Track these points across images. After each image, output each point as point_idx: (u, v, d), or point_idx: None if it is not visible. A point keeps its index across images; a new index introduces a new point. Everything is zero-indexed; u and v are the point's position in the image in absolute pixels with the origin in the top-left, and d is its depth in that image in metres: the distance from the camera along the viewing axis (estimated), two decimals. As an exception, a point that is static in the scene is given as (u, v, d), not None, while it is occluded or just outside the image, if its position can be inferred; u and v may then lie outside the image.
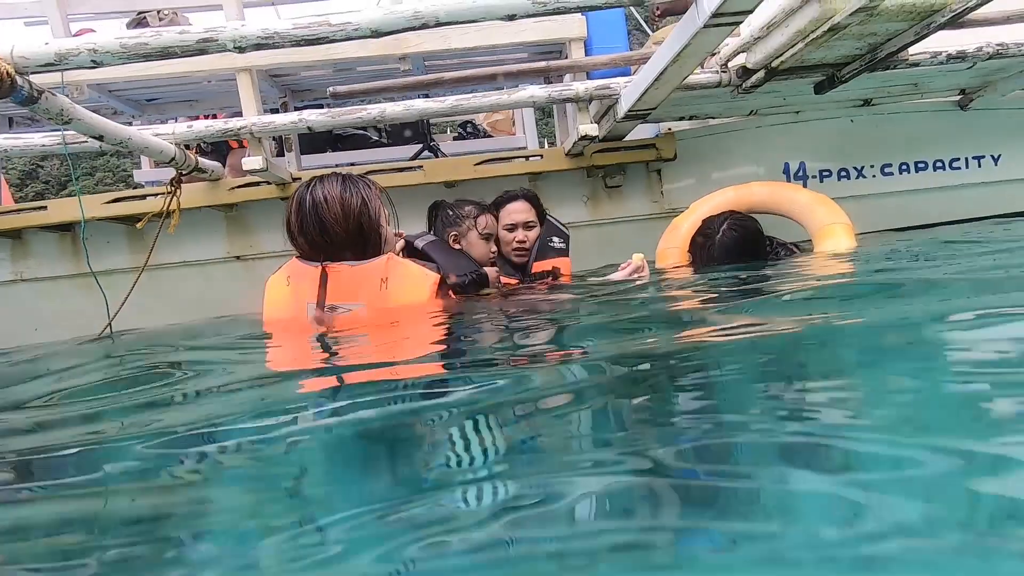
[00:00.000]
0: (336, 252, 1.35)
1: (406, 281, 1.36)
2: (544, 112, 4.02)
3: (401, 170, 2.60)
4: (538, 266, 2.22)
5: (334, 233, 1.34)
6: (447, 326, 1.35)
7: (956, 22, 2.08)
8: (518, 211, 2.20)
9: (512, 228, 2.20)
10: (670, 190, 2.82)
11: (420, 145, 3.65)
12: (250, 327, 1.61)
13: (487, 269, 2.00)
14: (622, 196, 2.82)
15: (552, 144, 4.13)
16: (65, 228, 2.66)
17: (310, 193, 1.36)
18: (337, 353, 1.24)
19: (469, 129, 4.21)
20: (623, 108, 2.19)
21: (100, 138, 1.72)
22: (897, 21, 1.81)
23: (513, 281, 2.22)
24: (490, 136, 4.12)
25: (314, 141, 4.03)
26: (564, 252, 2.23)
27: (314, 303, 1.33)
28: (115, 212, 2.51)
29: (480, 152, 3.32)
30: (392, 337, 1.31)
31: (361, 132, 4.23)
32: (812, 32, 1.80)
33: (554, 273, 2.19)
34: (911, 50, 2.21)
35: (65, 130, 2.04)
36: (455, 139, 4.24)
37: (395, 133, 4.23)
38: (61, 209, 2.52)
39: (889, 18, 1.78)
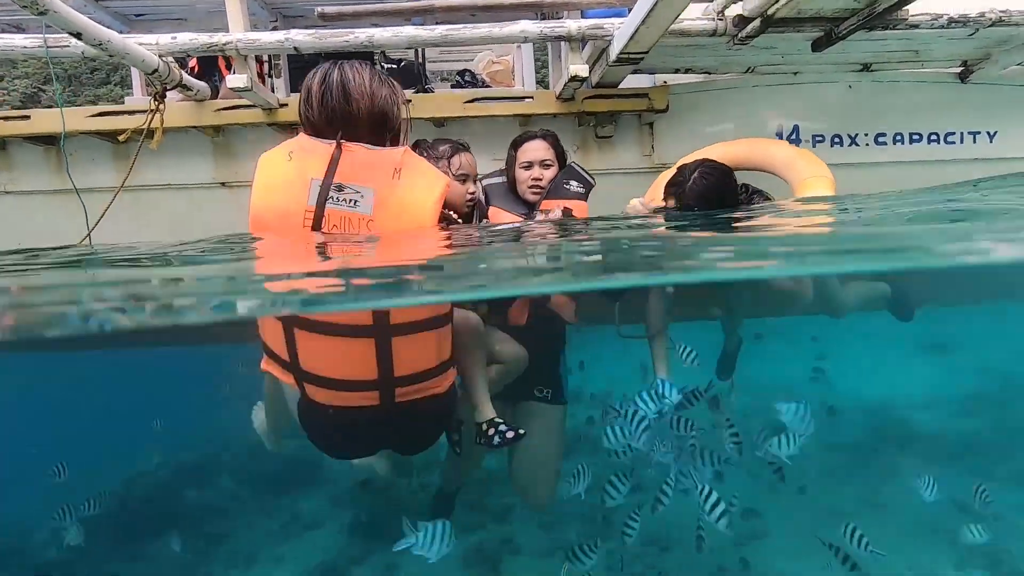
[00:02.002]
0: (355, 131, 1.30)
1: (418, 177, 1.33)
2: (543, 64, 3.95)
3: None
4: (546, 204, 2.19)
5: (358, 109, 1.28)
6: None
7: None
8: (535, 149, 2.18)
9: (528, 166, 2.18)
10: (661, 144, 2.80)
11: (414, 89, 3.60)
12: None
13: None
14: (612, 147, 2.80)
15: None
16: (49, 141, 2.65)
17: (339, 68, 1.30)
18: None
19: (467, 78, 4.13)
20: (615, 50, 2.16)
21: (78, 36, 1.70)
22: (895, -30, 1.78)
23: (517, 218, 2.22)
24: (488, 86, 4.05)
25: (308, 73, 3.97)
26: (582, 196, 2.18)
27: (320, 180, 1.28)
28: (99, 126, 2.49)
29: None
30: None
31: (359, 73, 4.18)
32: (808, -24, 1.77)
33: (565, 214, 2.15)
34: (911, 10, 2.18)
35: (47, 33, 2.02)
36: (452, 87, 4.17)
37: (392, 75, 4.16)
38: (44, 120, 2.50)
39: (887, -34, 1.75)
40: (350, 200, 1.30)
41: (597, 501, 4.34)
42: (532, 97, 2.58)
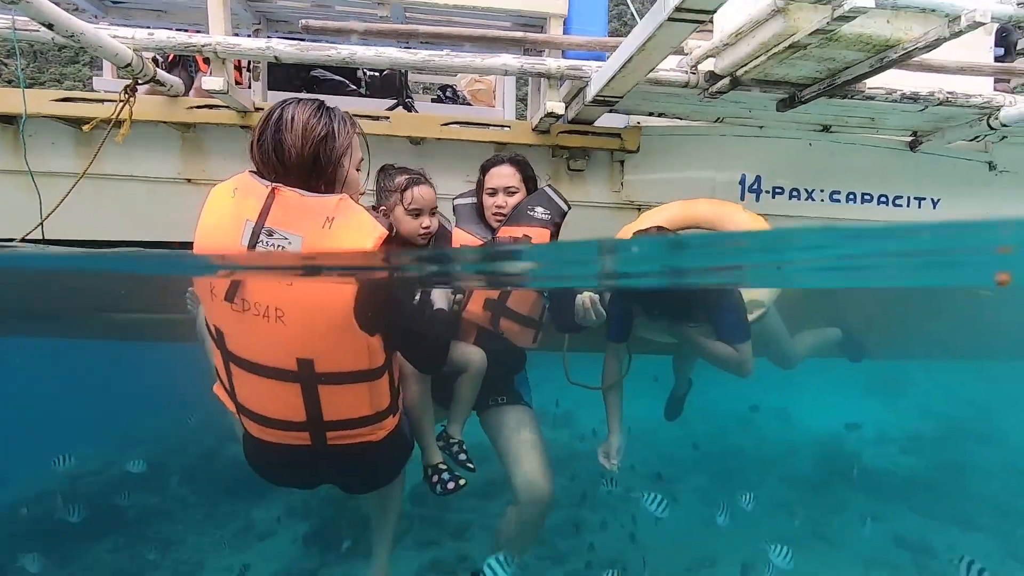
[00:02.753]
0: (287, 176, 1.30)
1: (352, 227, 1.29)
2: (525, 90, 4.03)
3: (372, 118, 2.59)
4: (504, 231, 2.19)
5: (288, 155, 1.29)
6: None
7: (909, 62, 2.20)
8: (500, 175, 2.17)
9: (493, 193, 2.17)
10: (631, 182, 2.88)
11: (395, 101, 3.61)
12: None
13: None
14: (584, 181, 2.87)
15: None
16: (8, 120, 2.55)
17: (280, 109, 1.32)
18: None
19: (449, 94, 4.17)
20: (592, 92, 2.23)
21: (50, 26, 1.66)
22: (854, 50, 1.91)
23: (478, 241, 2.23)
24: (469, 104, 4.10)
25: (291, 80, 3.94)
26: (545, 223, 2.16)
27: (253, 222, 1.28)
28: (63, 112, 2.42)
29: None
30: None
31: (340, 79, 4.16)
32: (775, 46, 1.88)
33: (523, 242, 2.14)
34: (868, 83, 2.33)
35: (16, 14, 1.96)
36: (433, 101, 4.20)
37: (373, 86, 4.17)
38: (4, 98, 2.41)
39: (847, 45, 1.87)
40: (278, 246, 1.28)
41: (557, 523, 4.36)
42: (509, 127, 2.62)
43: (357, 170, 1.40)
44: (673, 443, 5.86)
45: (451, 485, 1.82)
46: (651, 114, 2.79)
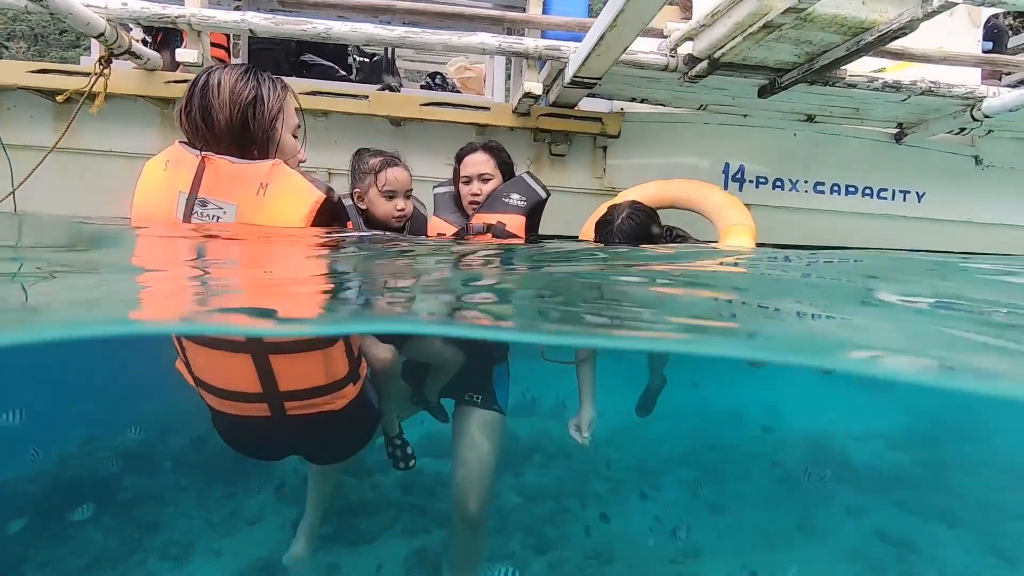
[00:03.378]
0: (217, 144, 1.26)
1: (285, 192, 1.25)
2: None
3: (351, 96, 2.57)
4: (478, 218, 2.16)
5: (216, 121, 1.24)
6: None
7: (891, 50, 2.19)
8: (474, 163, 2.14)
9: (468, 181, 2.15)
10: (613, 167, 2.87)
11: (381, 85, 3.60)
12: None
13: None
14: (565, 166, 2.86)
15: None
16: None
17: (207, 74, 1.27)
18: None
19: (438, 81, 4.15)
20: (569, 72, 2.22)
21: (17, -10, 1.65)
22: (829, 32, 1.89)
23: (453, 229, 2.21)
24: (458, 91, 4.08)
25: (279, 64, 3.92)
26: (521, 210, 2.14)
27: (187, 193, 1.24)
28: (39, 83, 2.40)
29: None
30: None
31: (330, 65, 4.15)
32: (750, 27, 1.86)
33: (495, 229, 2.12)
34: (849, 70, 2.31)
35: (-12, -19, 1.95)
36: (422, 87, 4.18)
37: (363, 71, 4.16)
38: (-19, 70, 2.40)
39: (822, 27, 1.85)
40: (213, 216, 1.25)
41: (544, 512, 4.37)
42: (488, 108, 2.61)
43: (293, 136, 1.37)
44: (660, 437, 5.87)
45: (401, 464, 1.87)
46: (634, 100, 2.78)
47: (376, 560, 3.76)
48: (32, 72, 2.41)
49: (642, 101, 2.79)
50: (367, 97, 2.54)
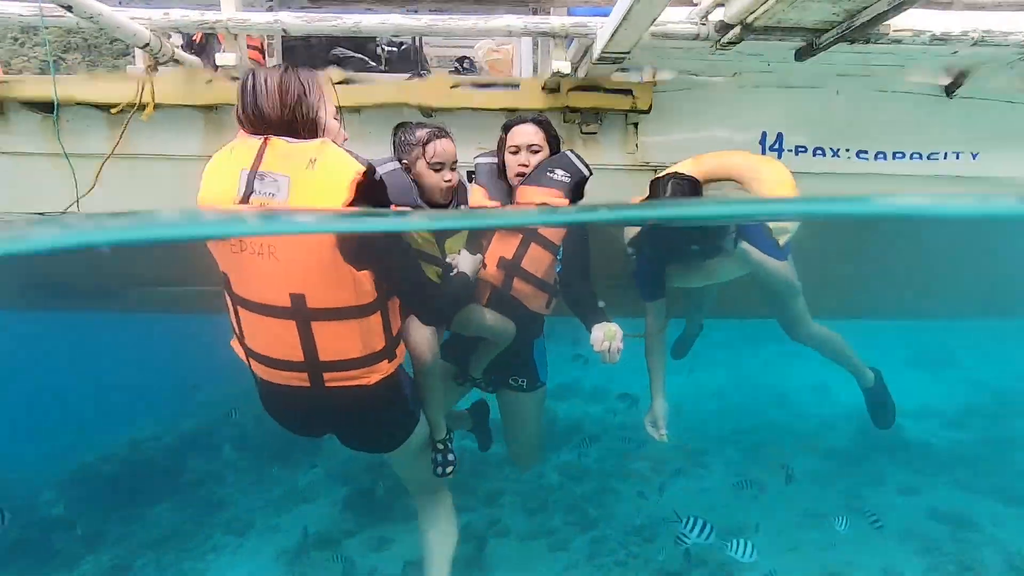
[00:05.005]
0: (273, 131, 1.47)
1: (331, 166, 1.45)
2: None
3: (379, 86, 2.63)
4: (522, 191, 2.17)
5: (268, 117, 1.46)
6: None
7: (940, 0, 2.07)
8: (524, 133, 2.16)
9: (516, 151, 2.17)
10: (645, 143, 2.83)
11: (410, 74, 3.64)
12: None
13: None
14: (597, 144, 2.83)
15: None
16: (46, 108, 2.70)
17: (251, 77, 1.47)
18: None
19: (466, 65, 4.16)
20: (598, 48, 2.20)
21: (69, 8, 1.75)
22: (870, -14, 1.81)
23: (495, 203, 2.24)
24: (486, 75, 4.08)
25: (313, 60, 4.01)
26: (565, 187, 2.15)
27: (248, 169, 1.44)
28: (92, 96, 2.54)
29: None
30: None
31: (361, 57, 4.21)
32: (784, -13, 1.80)
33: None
34: (893, 25, 2.20)
35: (42, 2, 2.07)
36: (450, 72, 4.20)
37: (392, 61, 4.20)
38: (38, 85, 2.55)
39: (862, -19, 1.78)
40: (268, 192, 1.44)
41: (587, 492, 4.44)
42: (518, 86, 2.61)
43: (335, 119, 1.58)
44: (705, 417, 5.82)
45: (439, 470, 2.01)
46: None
47: (425, 534, 3.94)
48: (85, 85, 2.54)
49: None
50: (394, 85, 2.59)
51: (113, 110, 2.32)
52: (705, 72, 2.73)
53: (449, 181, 2.04)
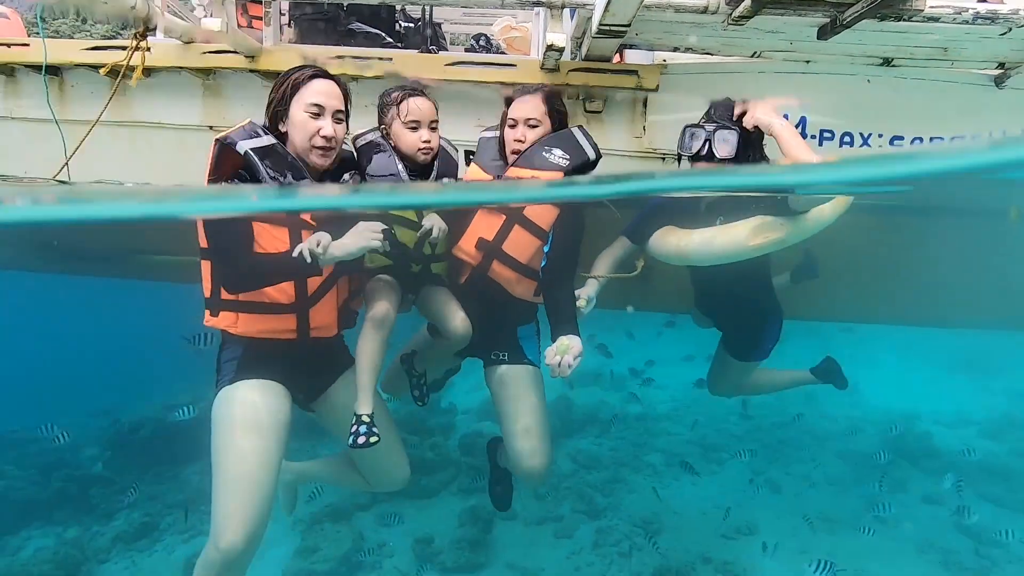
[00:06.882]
0: None
1: None
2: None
3: (363, 58, 2.55)
4: (512, 171, 2.06)
5: None
6: None
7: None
8: (522, 105, 2.05)
9: (513, 125, 2.07)
10: (653, 125, 2.66)
11: (420, 49, 3.54)
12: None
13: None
14: (602, 125, 2.68)
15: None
16: (54, 71, 2.72)
17: None
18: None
19: (483, 43, 4.03)
20: (596, 19, 2.05)
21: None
22: (896, -48, 1.60)
23: (488, 176, 2.14)
24: (503, 53, 3.94)
25: (328, 34, 3.96)
26: (560, 169, 2.02)
27: None
28: (93, 60, 2.54)
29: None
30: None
31: (377, 32, 4.14)
32: (796, -48, 1.62)
33: None
34: (929, 1, 1.97)
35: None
36: (466, 50, 4.08)
37: (408, 37, 4.11)
38: (40, 50, 2.56)
39: (886, -54, 1.57)
40: None
41: (598, 480, 4.39)
42: (515, 65, 2.48)
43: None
44: (724, 413, 5.65)
45: (361, 439, 1.89)
46: (676, 49, 2.54)
47: (434, 513, 3.96)
48: (85, 50, 2.55)
49: (686, 51, 2.54)
50: (391, 59, 2.50)
51: (102, 70, 2.31)
52: (722, 51, 2.54)
53: (427, 142, 1.97)
